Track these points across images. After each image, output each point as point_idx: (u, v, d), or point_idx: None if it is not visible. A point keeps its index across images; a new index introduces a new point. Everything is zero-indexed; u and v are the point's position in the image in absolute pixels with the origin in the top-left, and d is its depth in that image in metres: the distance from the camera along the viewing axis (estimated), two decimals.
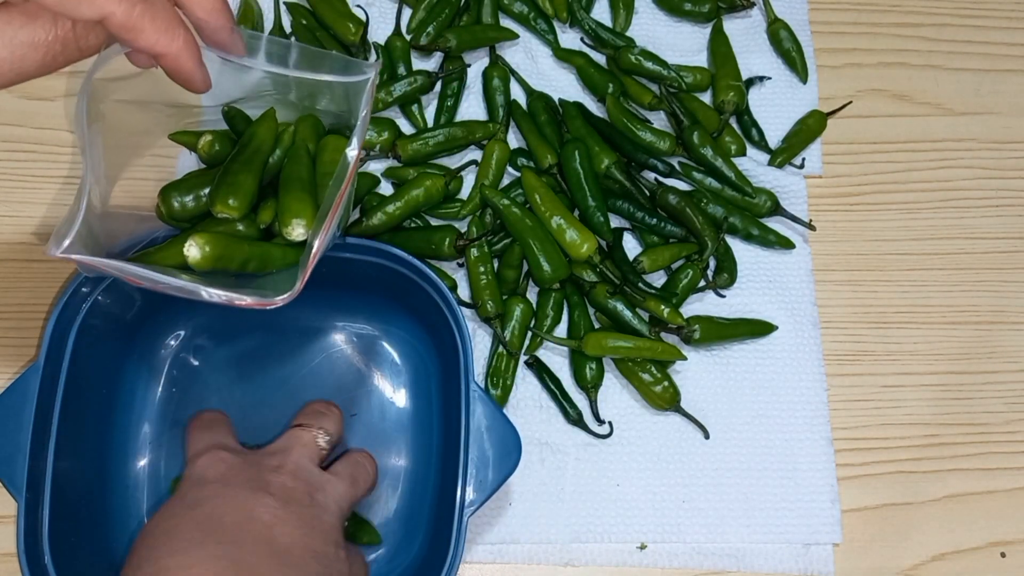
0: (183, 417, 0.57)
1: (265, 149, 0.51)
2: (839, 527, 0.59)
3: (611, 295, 0.60)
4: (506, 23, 0.70)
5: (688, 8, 0.71)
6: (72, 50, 0.39)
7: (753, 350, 0.63)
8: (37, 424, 0.50)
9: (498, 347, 0.61)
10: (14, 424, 0.50)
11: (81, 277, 0.52)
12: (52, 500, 0.50)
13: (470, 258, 0.61)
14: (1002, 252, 0.67)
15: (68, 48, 0.39)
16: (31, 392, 0.50)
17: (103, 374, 0.56)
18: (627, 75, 0.68)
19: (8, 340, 0.61)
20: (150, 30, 0.37)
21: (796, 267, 0.65)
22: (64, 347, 0.52)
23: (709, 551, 0.58)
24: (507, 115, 0.67)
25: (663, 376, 0.60)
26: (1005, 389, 0.63)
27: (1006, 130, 0.70)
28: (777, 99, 0.70)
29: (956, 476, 0.61)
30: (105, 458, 0.56)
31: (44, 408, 0.51)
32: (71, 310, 0.53)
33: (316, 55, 0.48)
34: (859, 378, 0.63)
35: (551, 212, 0.61)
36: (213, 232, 0.47)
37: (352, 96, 0.48)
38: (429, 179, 0.62)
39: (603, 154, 0.63)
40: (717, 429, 0.61)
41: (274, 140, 0.52)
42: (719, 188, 0.65)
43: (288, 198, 0.48)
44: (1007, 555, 0.59)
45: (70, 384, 0.52)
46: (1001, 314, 0.65)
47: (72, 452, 0.52)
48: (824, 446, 0.60)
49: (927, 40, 0.73)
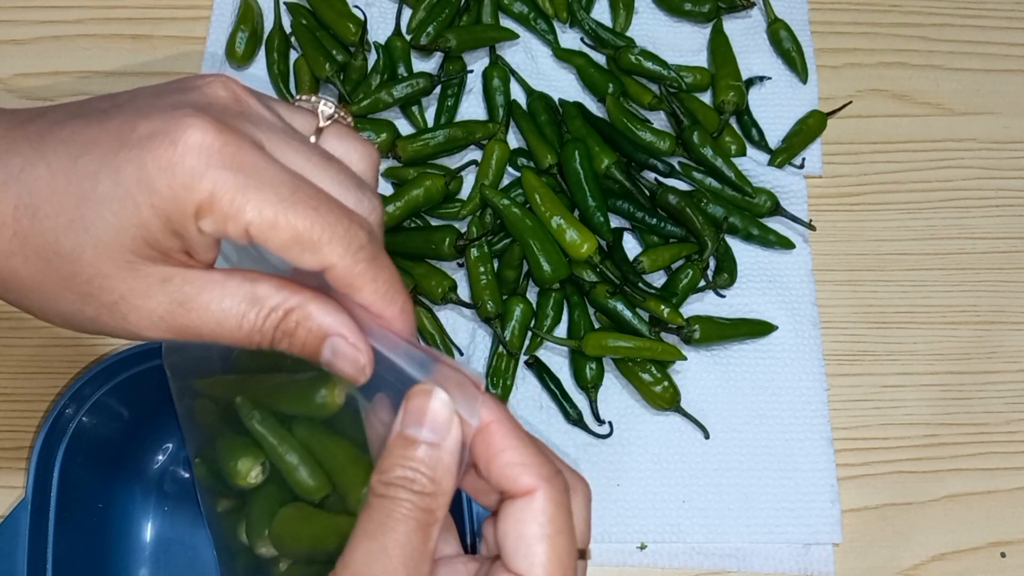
0: (179, 532, 0.57)
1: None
2: (839, 527, 0.59)
3: (611, 295, 0.60)
4: (506, 23, 0.70)
5: (688, 8, 0.71)
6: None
7: (753, 350, 0.63)
8: (32, 562, 0.49)
9: (498, 347, 0.61)
10: (8, 566, 0.49)
11: (64, 398, 0.51)
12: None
13: (470, 258, 0.61)
14: (1002, 252, 0.67)
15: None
16: (21, 531, 0.49)
17: (93, 498, 0.55)
18: (627, 75, 0.68)
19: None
20: (369, 290, 0.33)
21: (796, 267, 0.65)
22: (50, 478, 0.51)
23: (709, 551, 0.58)
24: (507, 115, 0.67)
25: (663, 376, 0.60)
26: (1005, 389, 0.63)
27: (1006, 130, 0.70)
28: (777, 99, 0.70)
29: (956, 476, 0.61)
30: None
31: (37, 546, 0.50)
32: (55, 435, 0.51)
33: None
34: (859, 378, 0.63)
35: (551, 212, 0.61)
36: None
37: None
38: (429, 179, 0.62)
39: (603, 154, 0.63)
40: (717, 429, 0.61)
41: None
42: (719, 188, 0.65)
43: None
44: (1007, 555, 0.59)
45: (60, 514, 0.51)
46: (1001, 314, 0.65)
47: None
48: (824, 446, 0.60)
49: (927, 40, 0.73)
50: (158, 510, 0.58)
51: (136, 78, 0.68)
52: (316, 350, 0.32)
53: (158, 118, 0.31)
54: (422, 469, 0.30)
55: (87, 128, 0.32)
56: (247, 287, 0.32)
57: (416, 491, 0.30)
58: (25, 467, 0.58)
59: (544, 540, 0.31)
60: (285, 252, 0.31)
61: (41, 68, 0.68)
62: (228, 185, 0.30)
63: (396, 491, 0.30)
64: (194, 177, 0.30)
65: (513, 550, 0.31)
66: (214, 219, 0.30)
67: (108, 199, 0.30)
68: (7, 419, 0.60)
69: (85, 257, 0.31)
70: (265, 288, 0.32)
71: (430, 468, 0.30)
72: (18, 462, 0.58)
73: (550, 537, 0.31)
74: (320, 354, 0.32)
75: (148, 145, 0.30)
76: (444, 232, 0.61)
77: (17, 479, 0.58)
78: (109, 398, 0.53)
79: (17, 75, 0.68)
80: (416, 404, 0.30)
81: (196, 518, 0.58)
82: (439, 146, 0.65)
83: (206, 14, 0.70)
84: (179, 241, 0.31)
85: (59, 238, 0.31)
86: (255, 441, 0.35)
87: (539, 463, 0.31)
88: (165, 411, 0.56)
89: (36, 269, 0.32)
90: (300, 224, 0.30)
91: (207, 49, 0.69)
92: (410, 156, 0.64)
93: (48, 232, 0.31)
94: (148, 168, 0.30)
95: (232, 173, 0.30)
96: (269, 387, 0.36)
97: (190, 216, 0.30)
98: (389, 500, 0.30)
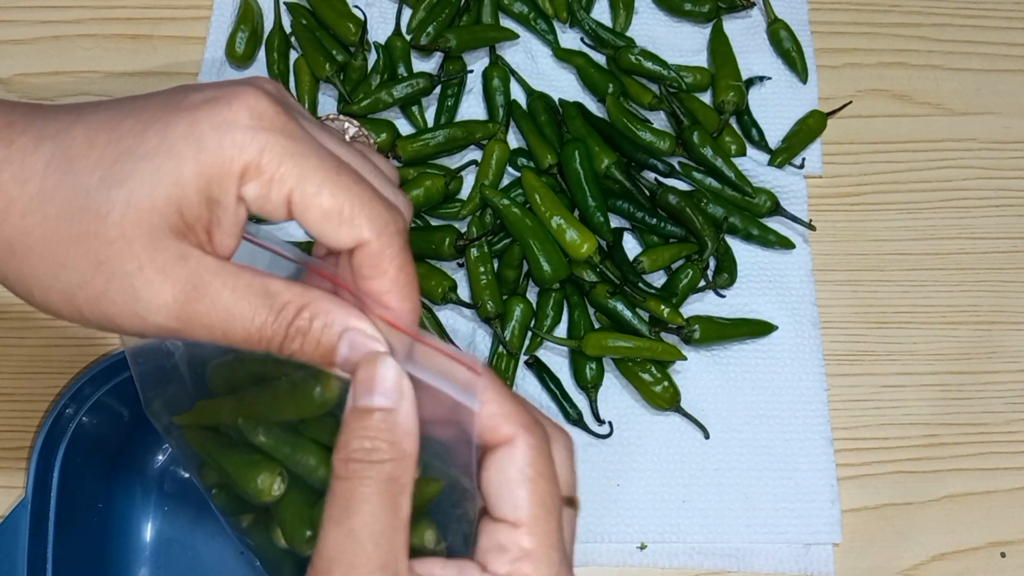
0: (179, 532, 0.57)
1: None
2: (839, 527, 0.59)
3: (611, 295, 0.60)
4: (506, 23, 0.71)
5: (688, 8, 0.71)
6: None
7: (753, 350, 0.63)
8: (32, 562, 0.49)
9: (498, 347, 0.61)
10: (8, 566, 0.49)
11: (65, 398, 0.51)
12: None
13: (470, 258, 0.61)
14: (1002, 252, 0.67)
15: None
16: (21, 531, 0.49)
17: (93, 498, 0.55)
18: (627, 75, 0.68)
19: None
20: (393, 275, 0.32)
21: (796, 267, 0.65)
22: (51, 477, 0.51)
23: (709, 551, 0.58)
24: (507, 115, 0.67)
25: (663, 376, 0.60)
26: (1005, 389, 0.63)
27: (1006, 130, 0.70)
28: (777, 99, 0.70)
29: (956, 476, 0.61)
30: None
31: (37, 546, 0.50)
32: (55, 436, 0.51)
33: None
34: (859, 378, 0.63)
35: (551, 212, 0.61)
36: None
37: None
38: (429, 179, 0.62)
39: (603, 154, 0.63)
40: (717, 429, 0.61)
41: None
42: (719, 188, 0.65)
43: None
44: (1007, 555, 0.59)
45: (60, 514, 0.51)
46: (1001, 314, 0.65)
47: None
48: (824, 446, 0.60)
49: (927, 40, 0.73)
50: (158, 510, 0.58)
51: (136, 78, 0.68)
52: (330, 348, 0.31)
53: (211, 90, 0.31)
54: (381, 436, 0.29)
55: (132, 101, 0.32)
56: (260, 280, 0.31)
57: (376, 460, 0.29)
58: (25, 467, 0.57)
59: (526, 483, 0.31)
60: (322, 224, 0.31)
61: (41, 68, 0.68)
62: (278, 149, 0.30)
63: (357, 469, 0.29)
64: (246, 136, 0.30)
65: (496, 497, 0.31)
66: (259, 183, 0.30)
67: (152, 154, 0.30)
68: (7, 419, 0.60)
69: (113, 215, 0.30)
70: (278, 284, 0.31)
71: (388, 433, 0.29)
72: (18, 462, 0.58)
73: (532, 480, 0.31)
74: (336, 352, 0.31)
75: (203, 106, 0.30)
76: (444, 232, 0.61)
77: (17, 479, 0.58)
78: (109, 398, 0.53)
79: (17, 75, 0.68)
80: (364, 374, 0.30)
81: (196, 518, 0.58)
82: (439, 146, 0.65)
83: (206, 14, 0.70)
84: (209, 213, 0.30)
85: (90, 192, 0.30)
86: (265, 455, 0.35)
87: (518, 412, 0.31)
88: None
89: (53, 229, 0.30)
90: (343, 196, 0.30)
91: (207, 49, 0.69)
92: (410, 156, 0.64)
93: (79, 186, 0.30)
94: (201, 124, 0.30)
95: (284, 138, 0.30)
96: (259, 400, 0.36)
97: (235, 176, 0.30)
98: (350, 481, 0.29)
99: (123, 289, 0.30)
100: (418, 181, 0.62)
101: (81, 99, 0.67)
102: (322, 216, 0.31)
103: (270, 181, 0.30)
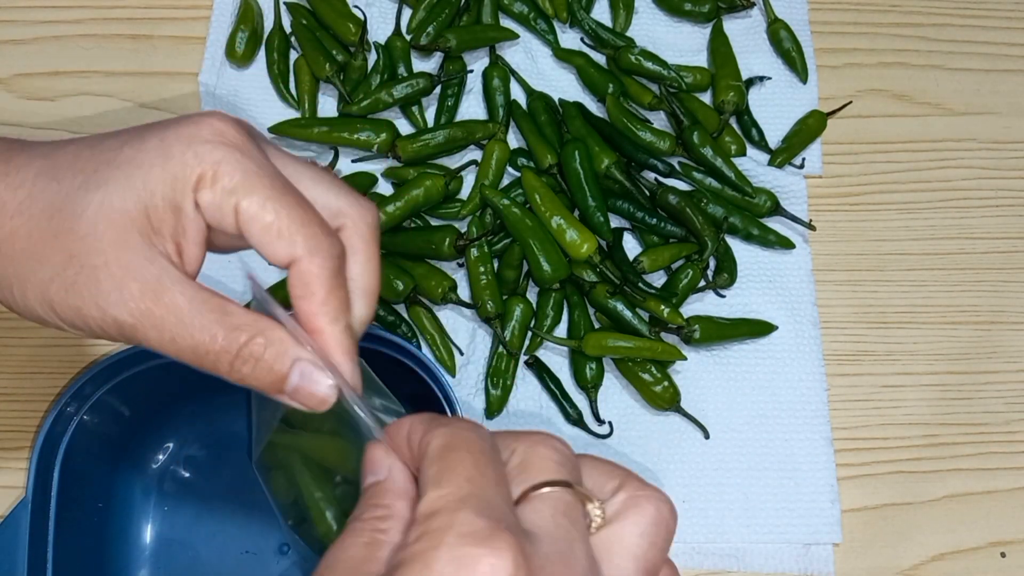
0: (179, 532, 0.57)
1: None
2: (839, 527, 0.59)
3: (611, 295, 0.60)
4: (506, 23, 0.70)
5: (688, 8, 0.71)
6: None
7: (753, 350, 0.63)
8: (32, 562, 0.49)
9: (498, 347, 0.61)
10: (8, 565, 0.49)
11: (65, 397, 0.51)
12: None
13: (470, 258, 0.61)
14: (1002, 252, 0.67)
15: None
16: (22, 531, 0.49)
17: (94, 498, 0.55)
18: (627, 75, 0.68)
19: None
20: (322, 297, 0.34)
21: (796, 267, 0.65)
22: (51, 477, 0.51)
23: (709, 551, 0.58)
24: (507, 115, 0.67)
25: (663, 376, 0.60)
26: (1005, 389, 0.63)
27: (1006, 130, 0.70)
28: (777, 99, 0.70)
29: (956, 476, 0.61)
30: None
31: (37, 545, 0.50)
32: (56, 435, 0.51)
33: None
34: (859, 378, 0.63)
35: (551, 212, 0.61)
36: None
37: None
38: (429, 179, 0.62)
39: (603, 154, 0.63)
40: (717, 429, 0.61)
41: None
42: (719, 188, 0.65)
43: None
44: (1007, 555, 0.59)
45: (61, 513, 0.51)
46: (1001, 314, 0.65)
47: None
48: (824, 446, 0.60)
49: (927, 40, 0.73)
50: (158, 510, 0.58)
51: (136, 78, 0.68)
52: (281, 376, 0.33)
53: (182, 119, 0.35)
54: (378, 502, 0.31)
55: (115, 131, 0.36)
56: (218, 300, 0.34)
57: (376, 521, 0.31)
58: (25, 467, 0.57)
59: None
60: (262, 237, 0.33)
61: (41, 68, 0.68)
62: (233, 164, 0.33)
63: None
64: (206, 148, 0.33)
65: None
66: (213, 191, 0.33)
67: (126, 163, 0.33)
68: (7, 419, 0.60)
69: (88, 214, 0.33)
70: (235, 308, 0.34)
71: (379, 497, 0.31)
72: (18, 462, 0.58)
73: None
74: (287, 380, 0.33)
75: (172, 125, 0.34)
76: (444, 232, 0.61)
77: (17, 479, 0.58)
78: (110, 397, 0.53)
79: (17, 75, 0.68)
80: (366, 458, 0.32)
81: (196, 518, 0.58)
82: (439, 146, 0.65)
83: (206, 14, 0.70)
84: (174, 219, 0.33)
85: (70, 195, 0.33)
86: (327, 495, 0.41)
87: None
88: (165, 411, 0.56)
89: (36, 226, 0.33)
90: (284, 212, 0.33)
91: (207, 49, 0.69)
92: (410, 156, 0.64)
93: (62, 190, 0.34)
94: (169, 138, 0.33)
95: (240, 154, 0.33)
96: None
97: (192, 183, 0.33)
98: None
99: (89, 281, 0.33)
100: (418, 181, 0.62)
101: (81, 99, 0.68)
102: (263, 229, 0.33)
103: (223, 191, 0.33)
